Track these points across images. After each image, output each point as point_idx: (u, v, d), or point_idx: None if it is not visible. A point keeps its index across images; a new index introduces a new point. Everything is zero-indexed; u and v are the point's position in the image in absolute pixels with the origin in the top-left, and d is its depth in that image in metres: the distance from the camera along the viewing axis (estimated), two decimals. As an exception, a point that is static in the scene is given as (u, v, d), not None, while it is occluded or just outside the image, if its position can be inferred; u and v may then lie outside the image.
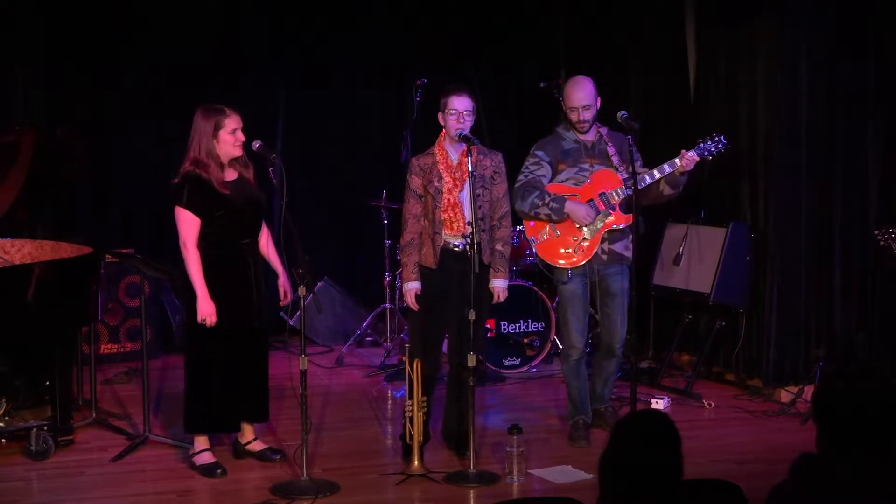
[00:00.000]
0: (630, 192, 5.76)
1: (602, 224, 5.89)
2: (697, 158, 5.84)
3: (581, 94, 5.88)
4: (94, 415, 6.32)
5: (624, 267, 5.99)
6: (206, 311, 5.28)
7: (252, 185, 5.46)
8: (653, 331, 7.84)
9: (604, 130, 6.01)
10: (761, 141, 6.95)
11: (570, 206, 5.85)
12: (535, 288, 7.60)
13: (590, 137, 5.96)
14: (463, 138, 5.46)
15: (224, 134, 5.30)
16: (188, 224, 5.29)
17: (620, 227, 5.92)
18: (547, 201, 5.86)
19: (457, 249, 5.54)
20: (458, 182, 5.54)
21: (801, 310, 6.88)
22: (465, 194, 5.53)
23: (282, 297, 5.57)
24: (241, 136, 5.35)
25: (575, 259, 5.92)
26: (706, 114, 7.43)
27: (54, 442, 5.76)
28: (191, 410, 5.49)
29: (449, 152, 5.58)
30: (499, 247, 5.67)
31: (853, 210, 6.86)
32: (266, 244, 5.56)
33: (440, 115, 5.60)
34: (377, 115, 9.23)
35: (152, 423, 6.05)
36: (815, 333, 6.93)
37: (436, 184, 5.54)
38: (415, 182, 5.60)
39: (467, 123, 5.51)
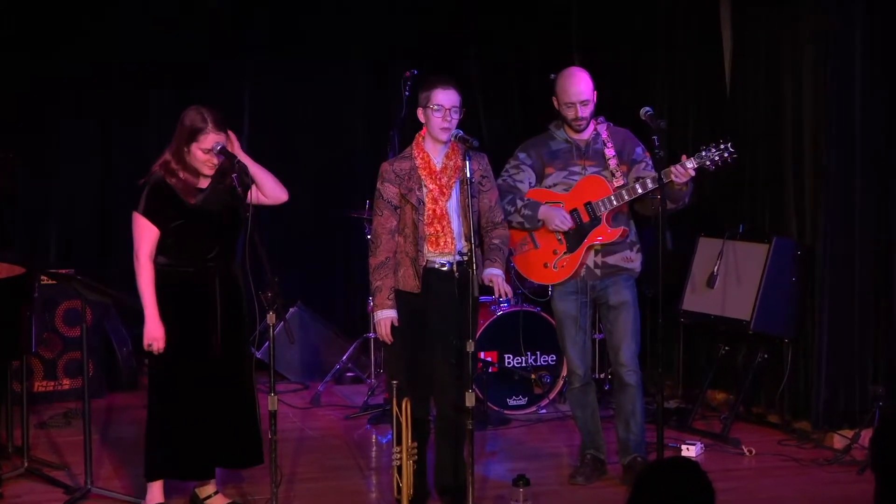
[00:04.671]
0: (618, 203, 5.85)
1: (585, 239, 5.94)
2: (693, 171, 5.77)
3: (579, 88, 5.91)
4: (25, 464, 6.29)
5: (624, 276, 6.04)
6: (153, 334, 5.32)
7: (225, 192, 5.47)
8: (682, 365, 7.84)
9: (602, 127, 6.04)
10: (808, 142, 6.96)
11: (544, 212, 5.92)
12: (543, 314, 7.59)
13: (584, 136, 6.01)
14: (461, 140, 5.46)
15: (197, 149, 5.36)
16: (143, 233, 5.35)
17: (607, 242, 5.96)
18: (519, 207, 5.93)
19: (443, 269, 5.54)
20: (444, 190, 5.54)
21: (857, 340, 6.89)
22: (454, 204, 5.54)
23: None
24: (213, 158, 5.37)
25: (554, 276, 5.99)
26: (744, 110, 7.45)
27: (-21, 496, 5.75)
28: (150, 453, 5.49)
29: (431, 155, 5.59)
30: (496, 240, 5.71)
31: (916, 223, 6.90)
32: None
33: (420, 112, 5.60)
34: (359, 112, 9.25)
35: (95, 473, 6.03)
36: (873, 368, 6.93)
37: (417, 193, 5.54)
38: (389, 191, 5.58)
39: (454, 121, 5.52)
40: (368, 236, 7.96)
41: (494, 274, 5.62)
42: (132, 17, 8.53)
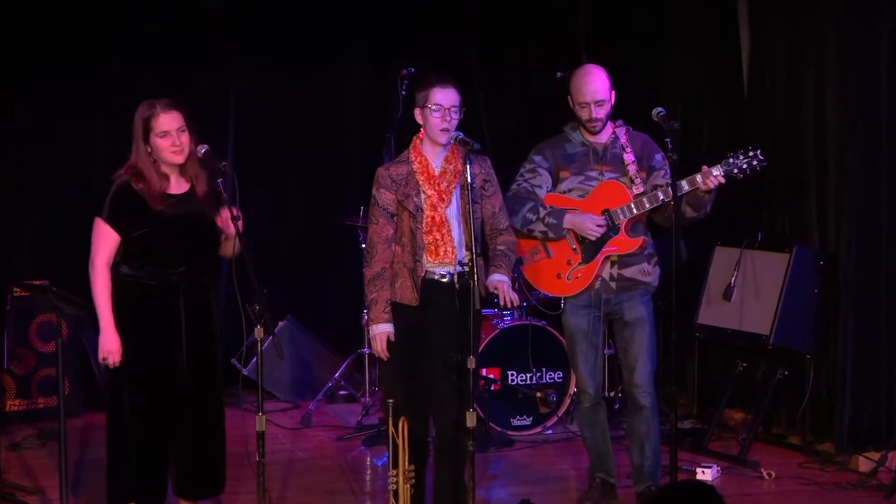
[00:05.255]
0: (638, 211, 5.83)
1: (602, 249, 5.92)
2: (723, 178, 5.75)
3: (593, 87, 5.90)
4: (-3, 488, 6.30)
5: (640, 291, 6.03)
6: (107, 346, 5.29)
7: (201, 199, 5.45)
8: (697, 382, 7.84)
9: (621, 130, 6.03)
10: (832, 144, 6.97)
11: (570, 220, 5.89)
12: (550, 329, 7.59)
13: (602, 139, 5.99)
14: (461, 142, 5.46)
15: (154, 138, 5.31)
16: (102, 239, 5.34)
17: (624, 253, 5.94)
18: (542, 215, 5.91)
19: (443, 281, 5.53)
20: (443, 196, 5.54)
21: (883, 355, 6.88)
22: (454, 210, 5.54)
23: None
24: (181, 140, 5.34)
25: (568, 287, 5.97)
26: (762, 110, 7.46)
27: (-53, 523, 5.74)
28: (112, 475, 5.47)
29: (430, 158, 5.59)
30: (501, 246, 5.68)
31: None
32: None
33: (418, 112, 5.59)
34: (354, 114, 9.26)
35: (70, 499, 6.02)
36: (901, 385, 6.95)
37: (415, 199, 5.53)
38: (385, 197, 5.58)
39: (453, 122, 5.52)
40: (363, 245, 7.98)
41: (500, 280, 5.60)
42: (111, 15, 8.51)
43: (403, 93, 7.62)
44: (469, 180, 5.41)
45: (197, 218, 5.41)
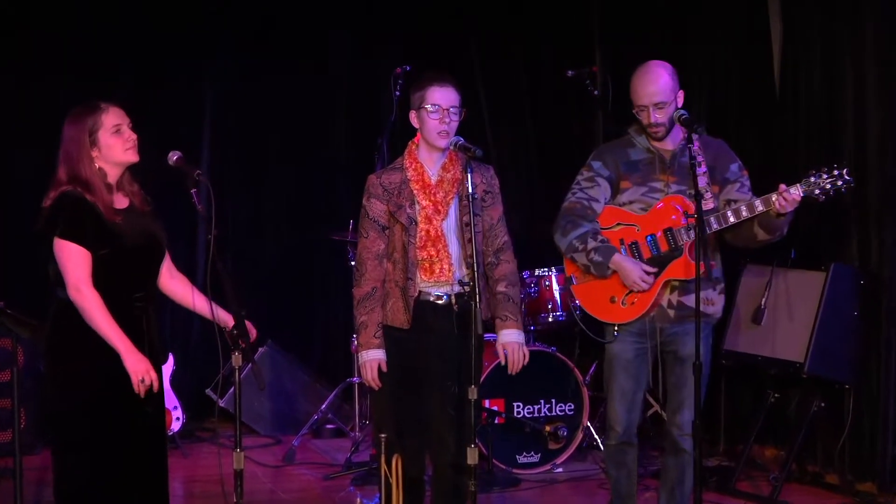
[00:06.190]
0: (708, 231, 5.65)
1: (663, 272, 5.80)
2: (799, 198, 5.59)
3: (651, 88, 5.78)
4: (-55, 533, 6.29)
5: (702, 325, 5.74)
6: (139, 367, 5.12)
7: (149, 215, 5.41)
8: (724, 415, 7.84)
9: (695, 136, 5.71)
10: (873, 151, 6.98)
11: (618, 263, 5.76)
12: (560, 355, 7.59)
13: (669, 146, 5.87)
14: (461, 148, 5.45)
15: (105, 136, 5.25)
16: (76, 259, 5.20)
17: (688, 279, 5.80)
18: (589, 248, 5.77)
19: (439, 303, 5.53)
20: (440, 207, 5.52)
21: (931, 385, 6.91)
22: (452, 224, 5.53)
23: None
24: (131, 134, 5.31)
25: (623, 313, 5.90)
26: (796, 113, 7.47)
27: None
28: None
29: (426, 165, 5.58)
30: (501, 287, 5.62)
31: None
32: (188, 294, 5.51)
33: (413, 114, 5.58)
34: (342, 115, 9.27)
35: (27, 544, 6.02)
36: (951, 418, 6.95)
37: (408, 210, 5.53)
38: (376, 208, 5.56)
39: (452, 125, 5.51)
40: (353, 263, 7.99)
41: (511, 343, 5.60)
42: (59, 11, 8.52)
43: (397, 93, 7.64)
44: (470, 190, 5.39)
45: (148, 235, 5.36)
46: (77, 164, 5.24)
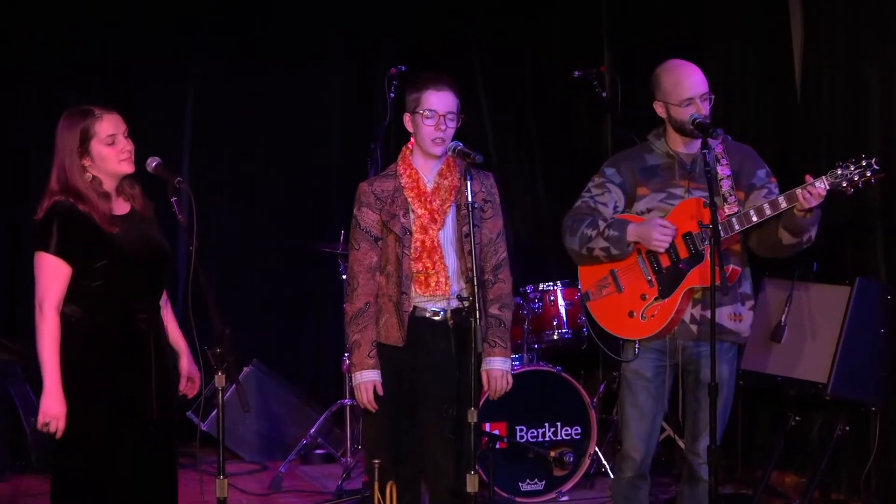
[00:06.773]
0: (725, 235, 5.60)
1: (683, 280, 5.76)
2: (825, 192, 5.51)
3: (697, 77, 5.73)
4: None
5: (726, 346, 5.80)
6: (52, 409, 5.15)
7: (150, 221, 5.44)
8: (742, 439, 7.83)
9: (715, 141, 5.74)
10: (900, 157, 7.00)
11: (634, 231, 5.69)
12: (566, 375, 7.59)
13: (692, 149, 5.81)
14: (460, 154, 5.45)
15: (98, 146, 5.28)
16: (51, 275, 5.23)
17: (710, 286, 5.75)
18: (602, 229, 5.72)
19: (436, 319, 5.52)
20: (436, 216, 5.51)
21: (963, 408, 6.91)
22: (449, 234, 5.52)
23: (182, 386, 5.53)
24: (126, 144, 5.33)
25: (642, 328, 5.84)
26: (818, 117, 7.47)
27: None
28: None
29: (421, 172, 5.57)
30: (494, 309, 5.60)
31: None
32: (161, 309, 5.53)
33: (408, 118, 5.56)
34: (333, 119, 9.28)
35: (-5, 578, 6.02)
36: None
37: (401, 220, 5.51)
38: (368, 218, 5.55)
39: (450, 131, 5.50)
40: (344, 276, 8.00)
41: (495, 370, 5.56)
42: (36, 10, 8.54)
43: (391, 95, 7.64)
44: (469, 199, 5.37)
45: (150, 242, 5.40)
46: (68, 174, 5.28)
